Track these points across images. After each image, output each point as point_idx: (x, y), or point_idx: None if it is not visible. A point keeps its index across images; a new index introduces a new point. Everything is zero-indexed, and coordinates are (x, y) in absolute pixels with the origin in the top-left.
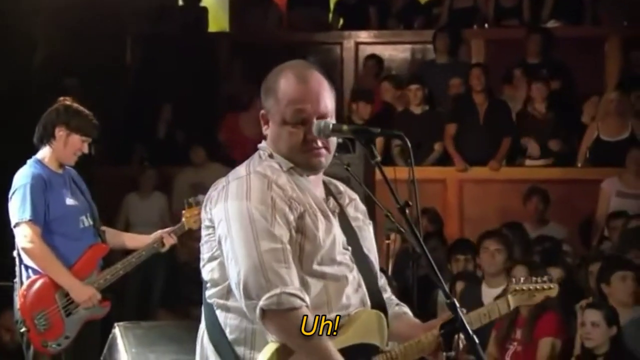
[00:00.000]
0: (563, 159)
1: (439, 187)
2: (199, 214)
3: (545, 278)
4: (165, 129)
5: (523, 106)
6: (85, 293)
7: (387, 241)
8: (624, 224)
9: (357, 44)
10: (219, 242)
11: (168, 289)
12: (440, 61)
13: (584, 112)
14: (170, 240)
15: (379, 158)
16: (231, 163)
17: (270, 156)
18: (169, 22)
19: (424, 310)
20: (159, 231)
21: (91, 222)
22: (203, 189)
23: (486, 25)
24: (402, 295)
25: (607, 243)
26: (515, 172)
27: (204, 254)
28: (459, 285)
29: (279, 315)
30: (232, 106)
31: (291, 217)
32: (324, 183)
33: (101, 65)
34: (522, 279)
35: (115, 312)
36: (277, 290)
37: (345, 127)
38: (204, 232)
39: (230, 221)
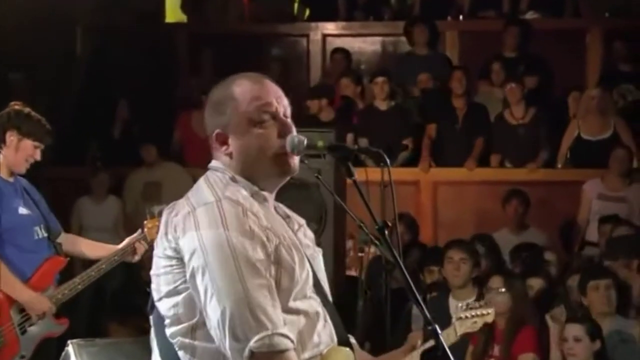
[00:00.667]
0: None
1: (411, 190)
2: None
3: (482, 302)
4: (121, 127)
5: (501, 111)
6: (43, 306)
7: (360, 254)
8: (611, 229)
9: (325, 36)
10: (192, 276)
11: (121, 301)
12: (420, 53)
13: (570, 108)
14: (142, 248)
15: (356, 176)
16: (184, 162)
17: (232, 180)
18: (122, 11)
19: (397, 322)
20: (127, 239)
21: (45, 234)
22: (156, 188)
23: (461, 16)
24: (376, 305)
25: (590, 248)
26: (492, 174)
27: (162, 286)
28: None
29: (269, 359)
30: (191, 102)
31: (269, 250)
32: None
33: (49, 58)
34: (463, 306)
35: (68, 327)
36: (268, 332)
37: (320, 142)
38: (162, 262)
39: (208, 253)
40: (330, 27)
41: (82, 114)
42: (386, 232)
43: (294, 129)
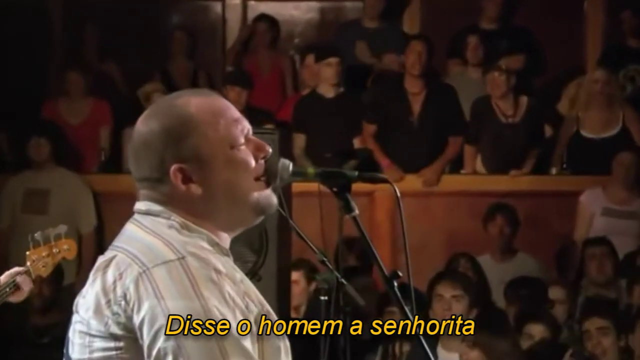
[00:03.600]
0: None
1: (363, 203)
2: (49, 255)
3: None
4: None
5: (486, 94)
6: None
7: (323, 297)
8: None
9: (245, 0)
10: None
11: (6, 356)
12: (369, 25)
13: (563, 99)
14: (28, 285)
15: (357, 211)
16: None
17: (184, 227)
18: None
19: None
20: (5, 275)
21: None
22: (41, 198)
23: None
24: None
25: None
26: (466, 182)
27: None
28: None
29: None
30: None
31: (251, 322)
32: None
33: None
34: None
35: None
36: None
37: (310, 170)
38: (100, 343)
39: (180, 332)
40: None
41: None
42: (395, 283)
43: (270, 150)
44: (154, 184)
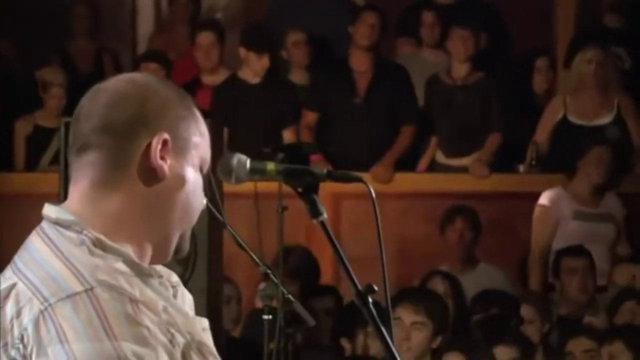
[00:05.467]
0: (499, 162)
1: (301, 206)
2: None
3: None
4: None
5: (435, 73)
6: None
7: (266, 317)
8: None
9: None
10: None
11: None
12: None
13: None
14: None
15: (325, 215)
16: None
17: (97, 245)
18: None
19: None
20: None
21: None
22: None
23: None
24: None
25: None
26: (420, 181)
27: None
28: None
29: None
30: None
31: (177, 356)
32: None
33: None
34: None
35: None
36: None
37: (270, 166)
38: None
39: None
40: None
41: None
42: (370, 299)
43: None
44: (120, 141)
